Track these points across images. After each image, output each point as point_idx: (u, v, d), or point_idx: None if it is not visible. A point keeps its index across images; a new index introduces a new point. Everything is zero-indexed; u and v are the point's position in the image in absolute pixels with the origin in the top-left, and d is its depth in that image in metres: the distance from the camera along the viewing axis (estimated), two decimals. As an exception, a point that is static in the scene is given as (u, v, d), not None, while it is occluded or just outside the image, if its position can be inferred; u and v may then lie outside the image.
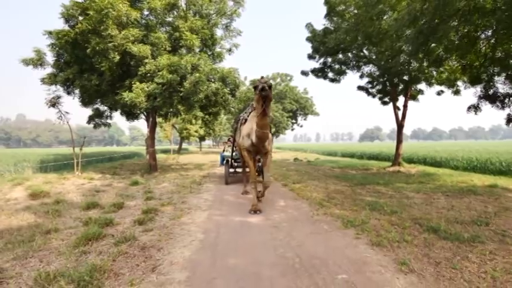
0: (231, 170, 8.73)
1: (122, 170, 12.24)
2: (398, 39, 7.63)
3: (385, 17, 7.22)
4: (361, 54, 11.64)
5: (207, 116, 13.26)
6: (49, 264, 2.83)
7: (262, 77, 4.21)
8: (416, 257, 2.95)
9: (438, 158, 13.56)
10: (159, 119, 16.28)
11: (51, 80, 10.08)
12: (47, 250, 3.21)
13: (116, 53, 8.96)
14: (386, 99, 12.84)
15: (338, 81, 12.81)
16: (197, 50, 10.49)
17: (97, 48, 8.65)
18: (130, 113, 12.83)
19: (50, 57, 10.40)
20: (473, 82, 8.18)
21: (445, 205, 5.25)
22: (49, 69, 10.56)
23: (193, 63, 9.22)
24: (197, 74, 9.23)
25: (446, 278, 2.51)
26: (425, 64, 8.10)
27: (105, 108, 11.87)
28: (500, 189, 6.88)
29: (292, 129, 35.38)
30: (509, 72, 7.24)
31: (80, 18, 9.15)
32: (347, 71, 12.50)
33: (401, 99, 12.21)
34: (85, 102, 11.09)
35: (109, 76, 9.72)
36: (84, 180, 8.89)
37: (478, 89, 8.21)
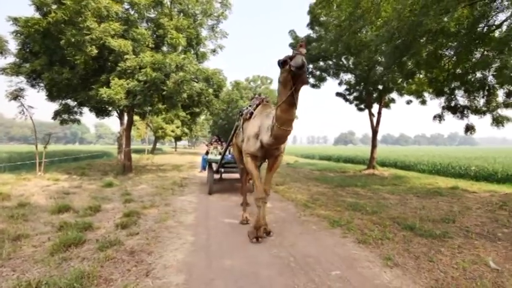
0: (216, 176, 7.85)
1: (90, 170, 11.49)
2: (376, 52, 8.20)
3: (364, 32, 7.72)
4: (341, 63, 12.25)
5: (188, 116, 12.97)
6: (24, 273, 2.59)
7: (302, 41, 2.81)
8: (399, 252, 3.20)
9: (407, 162, 14.69)
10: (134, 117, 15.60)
11: (13, 70, 9.21)
12: (19, 258, 2.93)
13: (94, 47, 8.45)
14: (362, 106, 13.59)
15: (318, 87, 13.30)
16: (181, 48, 10.27)
17: (72, 40, 8.09)
18: (101, 110, 12.14)
19: (12, 46, 9.55)
20: (437, 94, 9.03)
21: (417, 205, 5.71)
22: (10, 59, 9.67)
23: (178, 62, 9.01)
24: (181, 73, 9.03)
25: (426, 270, 2.76)
26: (398, 76, 8.78)
27: (74, 103, 11.12)
28: (461, 190, 7.64)
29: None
30: (467, 87, 8.11)
31: (54, 6, 8.50)
32: (327, 77, 13.04)
33: (375, 107, 13.02)
34: (53, 96, 10.29)
35: (82, 70, 9.13)
36: (48, 181, 8.22)
37: (442, 101, 9.07)
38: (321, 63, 12.63)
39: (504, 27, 6.08)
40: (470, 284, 2.47)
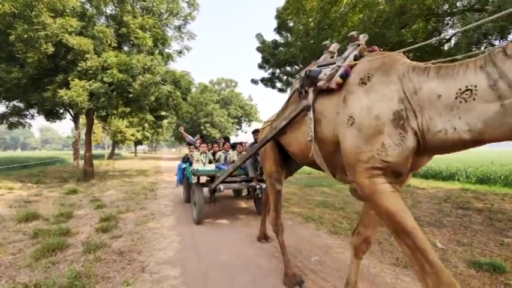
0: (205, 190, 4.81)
1: (46, 178, 10.66)
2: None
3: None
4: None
5: (153, 119, 12.73)
6: (12, 278, 2.61)
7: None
8: (364, 239, 3.83)
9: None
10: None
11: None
12: (1, 266, 2.90)
13: (49, 44, 7.99)
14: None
15: (285, 91, 14.09)
16: (146, 49, 10.14)
17: (24, 36, 7.58)
18: (52, 113, 11.32)
19: None
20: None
21: (377, 200, 6.58)
22: None
23: (145, 64, 8.92)
24: (148, 75, 8.96)
25: (388, 251, 3.40)
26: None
27: (21, 105, 10.23)
28: (413, 187, 8.86)
29: (237, 135, 36.37)
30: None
31: (0, -2, 7.86)
32: (294, 82, 13.91)
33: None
34: (-1, 97, 9.40)
35: (34, 69, 8.54)
36: (1, 190, 7.55)
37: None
38: (288, 68, 13.45)
39: (452, 41, 7.27)
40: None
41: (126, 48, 10.28)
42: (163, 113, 11.27)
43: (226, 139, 6.15)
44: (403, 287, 2.54)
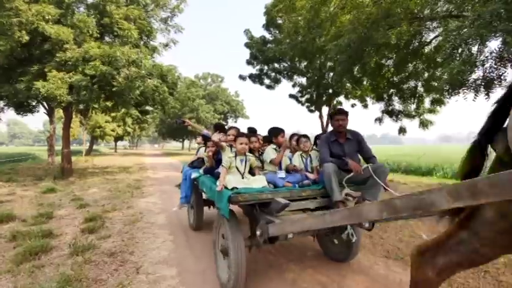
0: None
1: (18, 175, 10.02)
2: (331, 59, 9.28)
3: (322, 39, 8.66)
4: (295, 65, 13.28)
5: (139, 115, 12.32)
6: (-9, 284, 2.44)
7: None
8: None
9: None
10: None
11: None
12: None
13: (24, 32, 7.46)
14: (312, 108, 14.94)
15: (273, 88, 14.13)
16: (130, 41, 9.71)
17: (-5, 22, 7.03)
18: (23, 105, 10.60)
19: None
20: (378, 99, 10.64)
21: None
22: None
23: (130, 57, 8.55)
24: (133, 69, 8.62)
25: (379, 245, 3.51)
26: (348, 82, 10.10)
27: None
28: (395, 182, 9.21)
29: (223, 132, 36.10)
30: (402, 94, 9.83)
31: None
32: (282, 79, 13.96)
33: (325, 109, 14.49)
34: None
35: (5, 58, 7.95)
36: (-32, 189, 7.01)
37: (381, 105, 10.74)
38: (277, 65, 13.47)
39: (433, 45, 7.61)
40: (409, 250, 3.28)
41: (108, 39, 9.81)
42: (148, 108, 10.88)
43: (253, 131, 3.70)
44: (395, 278, 2.63)
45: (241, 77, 14.57)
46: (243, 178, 2.56)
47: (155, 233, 3.89)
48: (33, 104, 11.06)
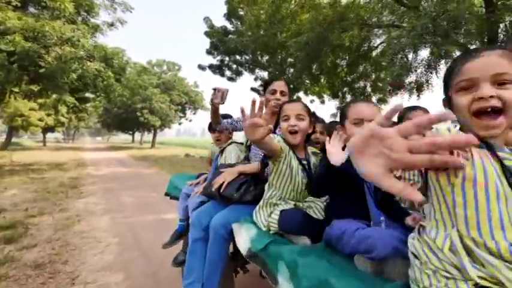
0: None
1: None
2: (291, 55, 9.57)
3: (283, 35, 8.89)
4: (257, 59, 13.31)
5: (75, 102, 10.97)
6: None
7: None
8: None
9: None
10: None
11: None
12: None
13: None
14: (273, 102, 15.24)
15: (235, 80, 13.95)
16: (64, 15, 8.52)
17: None
18: None
19: None
20: (333, 96, 11.39)
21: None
22: None
23: (64, 34, 7.51)
24: (68, 48, 7.59)
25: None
26: (307, 78, 10.56)
27: None
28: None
29: (180, 123, 34.67)
30: (354, 92, 10.66)
31: None
32: (244, 72, 13.88)
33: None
34: None
35: None
36: None
37: (336, 102, 11.48)
38: (238, 57, 13.34)
39: (379, 49, 8.43)
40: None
41: (34, 10, 8.46)
42: (89, 95, 9.74)
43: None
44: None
45: (201, 67, 14.06)
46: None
47: (97, 237, 3.48)
48: None
